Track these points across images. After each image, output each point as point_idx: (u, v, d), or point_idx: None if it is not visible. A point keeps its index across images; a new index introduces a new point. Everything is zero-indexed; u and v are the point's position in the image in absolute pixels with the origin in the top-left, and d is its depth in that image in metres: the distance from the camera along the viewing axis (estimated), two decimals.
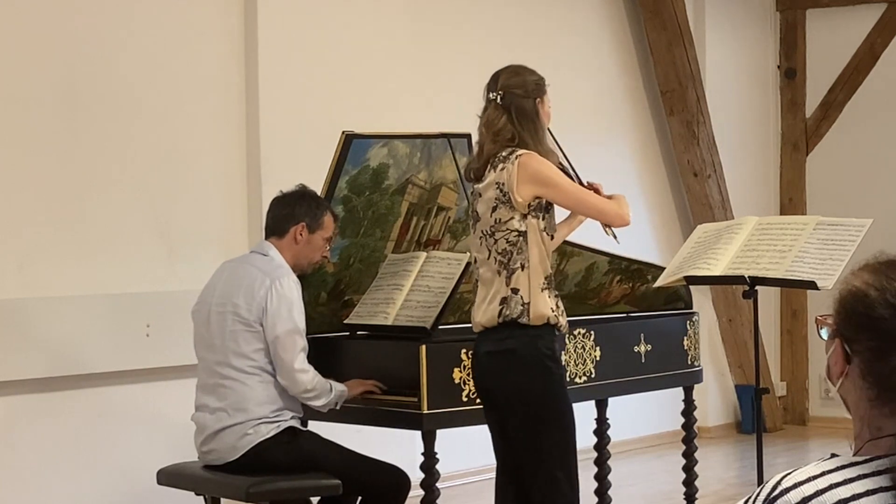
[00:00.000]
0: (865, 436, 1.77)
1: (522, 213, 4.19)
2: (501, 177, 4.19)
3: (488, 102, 4.30)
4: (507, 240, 4.20)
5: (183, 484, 4.83)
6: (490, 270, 4.25)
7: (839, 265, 4.71)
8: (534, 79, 4.36)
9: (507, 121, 4.25)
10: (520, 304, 4.17)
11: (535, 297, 4.18)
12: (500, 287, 4.21)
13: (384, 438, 5.65)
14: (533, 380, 4.20)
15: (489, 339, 4.26)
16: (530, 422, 4.23)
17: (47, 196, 5.65)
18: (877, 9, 9.18)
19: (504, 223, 4.20)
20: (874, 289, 1.77)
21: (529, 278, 4.18)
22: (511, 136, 4.24)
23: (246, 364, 4.67)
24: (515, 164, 4.17)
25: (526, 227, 4.19)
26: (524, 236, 4.19)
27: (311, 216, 4.79)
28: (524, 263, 4.19)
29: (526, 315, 4.17)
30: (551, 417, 4.24)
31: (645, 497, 7.08)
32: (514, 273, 4.19)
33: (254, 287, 4.67)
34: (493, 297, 4.22)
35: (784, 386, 9.55)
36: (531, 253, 4.19)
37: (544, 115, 4.33)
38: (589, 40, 8.33)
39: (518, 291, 4.18)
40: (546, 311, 4.19)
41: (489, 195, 4.23)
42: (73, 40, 5.74)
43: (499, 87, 4.29)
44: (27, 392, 5.54)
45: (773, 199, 9.58)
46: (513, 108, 4.25)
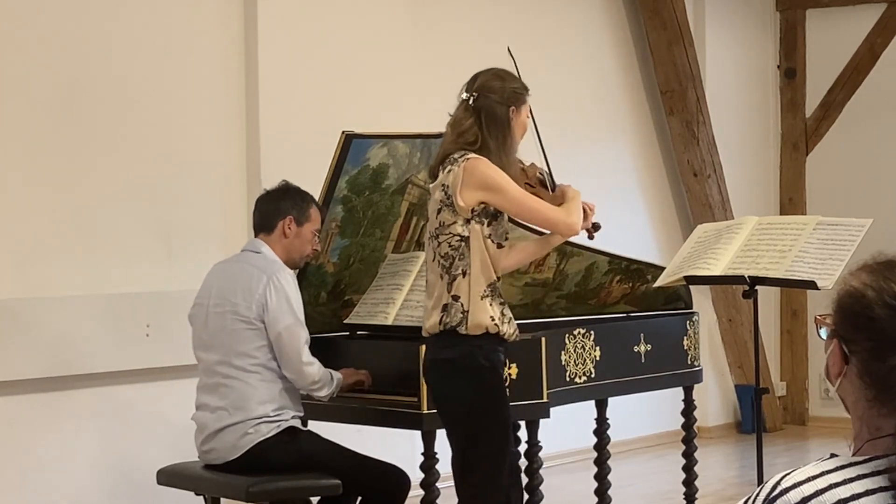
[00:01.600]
0: (864, 436, 1.77)
1: (465, 217, 4.09)
2: (447, 178, 4.10)
3: (460, 102, 4.20)
4: (449, 244, 4.12)
5: (183, 484, 4.83)
6: (433, 274, 4.18)
7: (839, 265, 4.71)
8: (514, 87, 4.24)
9: (474, 123, 4.14)
10: (459, 312, 4.10)
11: (474, 306, 4.09)
12: (443, 294, 4.13)
13: (384, 438, 5.65)
14: (465, 391, 4.14)
15: (432, 347, 4.21)
16: (461, 433, 4.19)
17: (47, 196, 5.65)
18: (877, 9, 9.18)
19: (447, 227, 4.12)
20: (872, 289, 1.77)
21: (470, 286, 4.09)
22: (474, 140, 4.13)
23: (247, 362, 4.67)
24: (461, 168, 4.07)
25: (468, 232, 4.10)
26: (466, 242, 4.10)
27: (298, 209, 4.80)
28: (466, 270, 4.10)
29: (464, 324, 4.09)
30: (482, 431, 4.16)
31: (645, 497, 7.09)
32: (456, 279, 4.10)
33: (251, 284, 4.67)
34: (436, 304, 4.14)
35: (784, 386, 9.55)
36: (473, 259, 4.10)
37: (518, 126, 4.21)
38: (589, 40, 8.33)
39: (459, 299, 4.10)
40: (485, 320, 4.10)
41: (436, 196, 4.15)
42: (74, 40, 5.74)
43: (475, 87, 4.19)
44: (27, 392, 5.54)
45: (773, 199, 9.58)
46: (483, 112, 4.15)
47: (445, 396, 4.21)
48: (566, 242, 5.42)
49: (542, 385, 4.79)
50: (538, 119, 4.39)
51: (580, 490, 6.57)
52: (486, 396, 4.16)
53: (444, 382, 4.19)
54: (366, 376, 4.86)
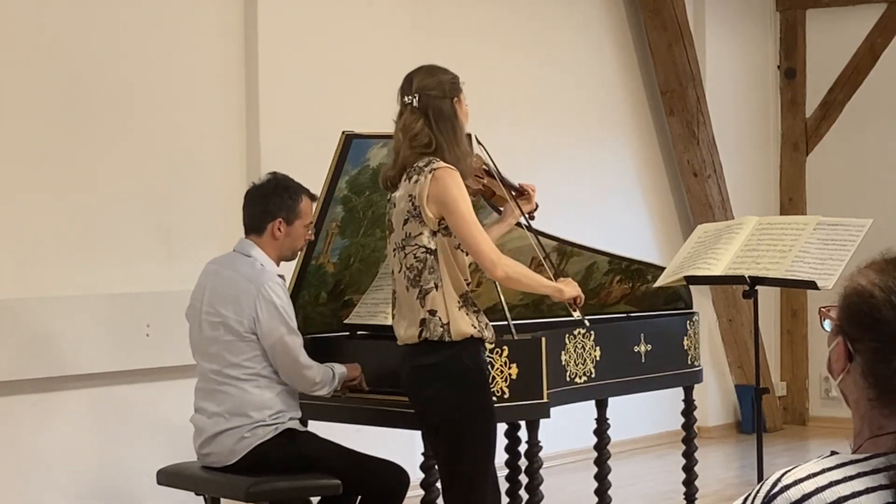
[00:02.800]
0: (866, 434, 1.77)
1: (433, 229, 4.08)
2: (414, 189, 4.07)
3: (404, 107, 4.17)
4: (415, 255, 4.10)
5: (183, 484, 4.83)
6: (400, 285, 4.16)
7: (839, 265, 4.71)
8: (449, 78, 4.24)
9: (424, 124, 4.12)
10: (439, 326, 4.08)
11: (453, 317, 4.09)
12: (414, 306, 4.11)
13: (384, 438, 5.65)
14: (451, 394, 4.13)
15: (413, 354, 4.17)
16: (448, 436, 4.17)
17: (47, 196, 5.65)
18: (877, 9, 9.18)
19: (413, 238, 4.10)
20: (880, 289, 1.76)
21: (445, 299, 4.08)
22: (428, 142, 4.11)
23: (241, 372, 4.66)
24: (429, 178, 4.05)
25: (436, 244, 4.09)
26: (434, 255, 4.08)
27: (287, 209, 4.75)
28: (437, 283, 4.08)
29: (447, 334, 4.09)
30: (469, 432, 4.15)
31: (645, 497, 7.08)
32: (429, 294, 4.09)
33: (241, 298, 4.64)
34: (411, 318, 4.12)
35: (784, 386, 9.55)
36: (443, 272, 4.08)
37: (462, 115, 4.20)
38: (589, 40, 8.33)
39: (436, 313, 4.08)
40: (467, 328, 4.10)
41: (402, 206, 4.12)
42: (74, 40, 5.74)
43: (414, 89, 4.17)
44: (27, 392, 5.54)
45: (773, 199, 9.58)
46: (430, 111, 4.13)
47: (431, 401, 4.18)
48: (566, 242, 5.43)
49: (542, 385, 4.78)
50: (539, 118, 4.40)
51: (580, 490, 6.57)
52: (473, 398, 4.15)
53: (429, 387, 4.16)
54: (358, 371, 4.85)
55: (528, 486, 4.93)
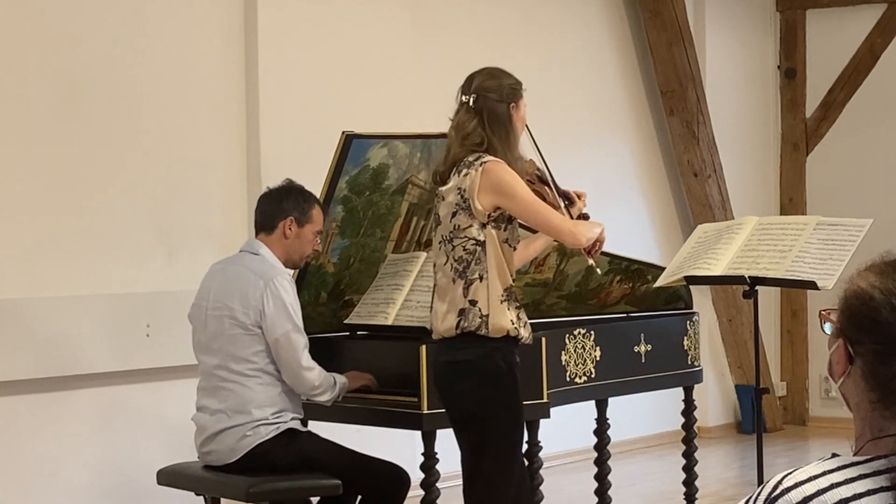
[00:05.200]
0: (867, 436, 1.77)
1: (482, 221, 4.10)
2: (464, 182, 4.10)
3: (460, 105, 4.22)
4: (464, 247, 4.12)
5: (183, 484, 4.83)
6: (446, 277, 4.17)
7: (839, 265, 4.71)
8: (510, 83, 4.26)
9: (478, 125, 4.15)
10: (478, 317, 4.09)
11: (493, 310, 4.10)
12: (456, 296, 4.13)
13: (384, 438, 5.65)
14: (482, 392, 4.13)
15: (447, 349, 4.19)
16: (474, 435, 4.18)
17: (47, 196, 5.65)
18: (877, 9, 9.18)
19: (462, 230, 4.12)
20: (880, 291, 1.76)
21: (488, 290, 4.10)
22: (480, 141, 4.14)
23: (245, 367, 4.66)
24: (479, 171, 4.08)
25: (485, 236, 4.11)
26: (482, 246, 4.10)
27: (300, 210, 4.77)
28: (483, 274, 4.10)
29: (484, 327, 4.09)
30: (495, 432, 4.16)
31: (645, 497, 7.08)
32: (473, 284, 4.10)
33: (248, 290, 4.65)
34: (451, 307, 4.14)
35: (784, 386, 9.55)
36: (490, 264, 4.10)
37: (518, 121, 4.22)
38: (589, 40, 8.33)
39: (476, 303, 4.10)
40: (506, 323, 4.11)
41: (450, 199, 4.15)
42: (74, 40, 5.74)
43: (472, 89, 4.21)
44: (27, 392, 5.54)
45: (773, 199, 9.58)
46: (485, 112, 4.16)
47: (461, 398, 4.18)
48: None
49: (542, 385, 4.79)
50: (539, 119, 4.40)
51: (580, 490, 6.57)
52: (503, 398, 4.15)
53: (460, 384, 4.17)
54: (371, 381, 4.85)
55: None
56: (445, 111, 4.09)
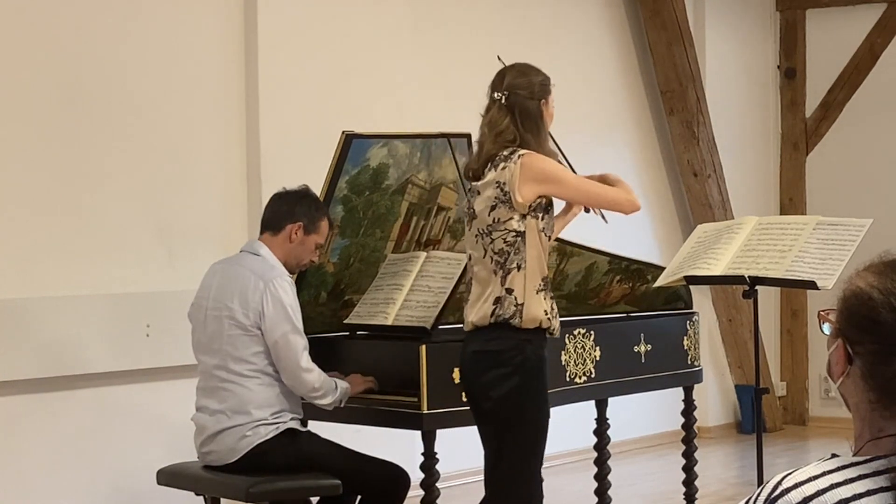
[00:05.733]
0: (866, 436, 1.77)
1: (522, 213, 4.15)
2: (503, 176, 4.15)
3: (492, 102, 4.27)
4: (504, 240, 4.16)
5: (183, 484, 4.83)
6: (485, 269, 4.21)
7: (839, 265, 4.71)
8: (539, 79, 4.33)
9: (510, 122, 4.21)
10: (513, 305, 4.13)
11: (529, 299, 4.14)
12: (495, 287, 4.17)
13: (384, 438, 5.65)
14: (512, 382, 4.14)
15: (478, 339, 4.21)
16: (501, 426, 4.18)
17: (47, 196, 5.65)
18: (877, 9, 9.18)
19: (503, 223, 4.17)
20: (878, 291, 1.76)
21: (525, 279, 4.14)
22: (513, 138, 4.21)
23: (245, 368, 4.66)
24: (518, 164, 4.14)
25: (525, 227, 4.16)
26: (522, 237, 4.15)
27: (310, 218, 4.77)
28: (521, 264, 4.15)
29: (518, 316, 4.13)
30: (521, 423, 4.17)
31: (645, 497, 7.09)
32: (510, 273, 4.15)
33: (248, 291, 4.65)
34: (488, 297, 4.17)
35: (784, 386, 9.55)
36: (528, 254, 4.15)
37: (548, 117, 4.30)
38: (589, 40, 8.33)
39: (512, 292, 4.14)
40: (539, 313, 4.15)
41: (488, 193, 4.19)
42: (74, 41, 5.74)
43: (504, 86, 4.26)
44: (27, 392, 5.54)
45: (773, 199, 9.59)
46: (517, 109, 4.23)
47: (488, 388, 4.19)
48: (566, 242, 5.43)
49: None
50: None
51: (580, 490, 6.57)
52: (531, 390, 4.18)
53: (488, 374, 4.18)
54: (373, 383, 4.85)
55: None
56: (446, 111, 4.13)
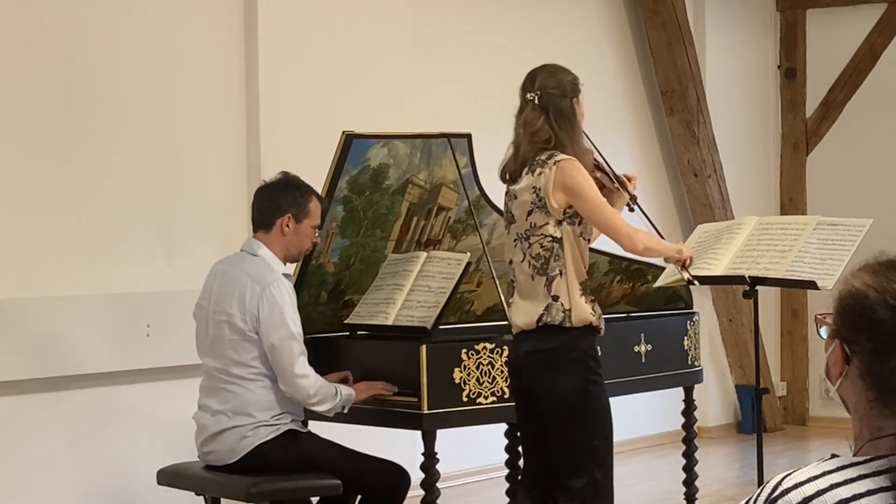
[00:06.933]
0: (865, 436, 1.77)
1: (557, 218, 4.17)
2: (538, 181, 4.18)
3: (525, 103, 4.28)
4: (541, 245, 4.19)
5: (183, 484, 4.83)
6: (524, 274, 4.24)
7: (839, 265, 4.71)
8: (570, 78, 4.36)
9: (545, 122, 4.24)
10: (561, 311, 4.17)
11: (575, 303, 4.18)
12: (538, 293, 4.19)
13: (384, 438, 5.65)
14: (574, 377, 4.19)
15: (530, 340, 4.25)
16: (570, 419, 4.21)
17: (47, 196, 5.64)
18: (877, 9, 9.18)
19: (539, 228, 4.20)
20: (874, 290, 1.76)
21: (568, 285, 4.18)
22: (548, 138, 4.23)
23: (246, 371, 4.66)
24: (553, 170, 4.16)
25: (561, 233, 4.18)
26: (559, 242, 4.18)
27: (297, 206, 4.74)
28: (562, 270, 4.18)
29: (568, 320, 4.17)
30: (591, 416, 4.23)
31: (645, 497, 7.08)
32: (554, 280, 4.17)
33: (245, 295, 4.63)
34: (533, 303, 4.20)
35: (784, 386, 9.55)
36: (567, 260, 4.18)
37: (580, 115, 4.33)
38: (589, 40, 8.33)
39: (559, 298, 4.17)
40: (587, 315, 4.20)
41: (525, 198, 4.22)
42: (74, 40, 5.74)
43: (536, 87, 4.28)
44: (27, 392, 5.54)
45: (773, 199, 9.58)
46: (550, 109, 4.25)
47: (550, 385, 4.20)
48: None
49: None
50: None
51: None
52: (592, 382, 4.21)
53: (548, 370, 4.20)
54: (386, 389, 4.82)
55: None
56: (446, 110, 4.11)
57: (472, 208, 5.23)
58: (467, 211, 5.29)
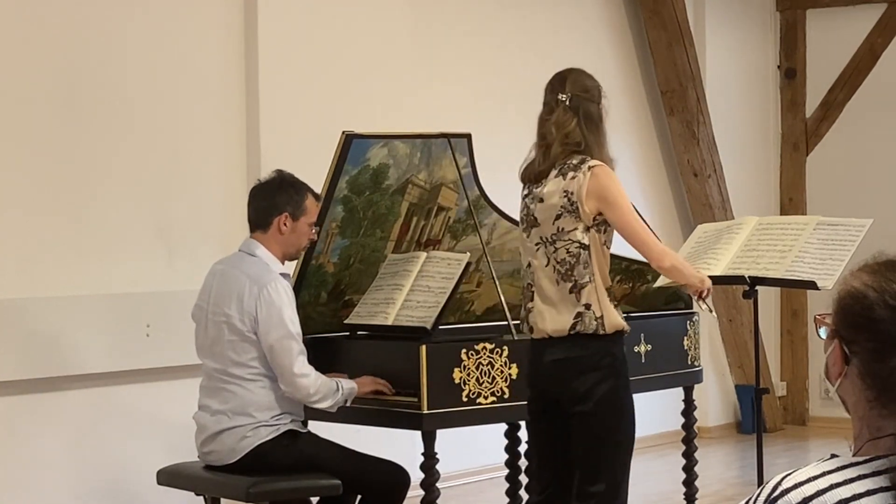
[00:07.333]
0: (865, 436, 1.77)
1: (587, 224, 4.14)
2: (571, 186, 4.13)
3: (557, 103, 4.23)
4: (567, 250, 4.15)
5: (183, 484, 4.83)
6: (547, 278, 4.20)
7: (839, 265, 4.71)
8: (596, 84, 4.34)
9: (577, 124, 4.19)
10: (594, 320, 4.13)
11: (606, 310, 4.15)
12: (564, 299, 4.15)
13: (384, 438, 5.65)
14: (606, 383, 4.15)
15: (557, 348, 4.19)
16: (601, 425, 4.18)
17: (47, 196, 5.65)
18: (877, 9, 9.18)
19: (567, 233, 4.15)
20: (873, 290, 1.77)
21: (597, 292, 4.15)
22: (579, 141, 4.18)
23: (245, 372, 4.66)
24: (587, 176, 4.12)
25: (589, 240, 4.15)
26: (587, 249, 4.14)
27: (293, 204, 4.74)
28: (591, 278, 4.14)
29: (601, 328, 4.14)
30: (619, 422, 4.21)
31: (645, 497, 7.08)
32: (585, 288, 4.13)
33: (244, 296, 4.63)
34: (560, 310, 4.16)
35: (784, 386, 9.56)
36: (595, 267, 4.15)
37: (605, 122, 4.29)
38: (589, 40, 8.33)
39: (590, 307, 4.14)
40: (619, 321, 4.18)
41: (554, 202, 4.17)
42: (74, 40, 5.74)
43: (567, 88, 4.24)
44: (27, 392, 5.54)
45: (773, 199, 9.59)
46: (581, 112, 4.21)
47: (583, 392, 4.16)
48: None
49: None
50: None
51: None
52: (622, 388, 4.21)
53: (579, 379, 4.16)
54: (386, 387, 4.83)
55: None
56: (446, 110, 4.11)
57: (471, 208, 5.22)
58: (467, 211, 5.29)
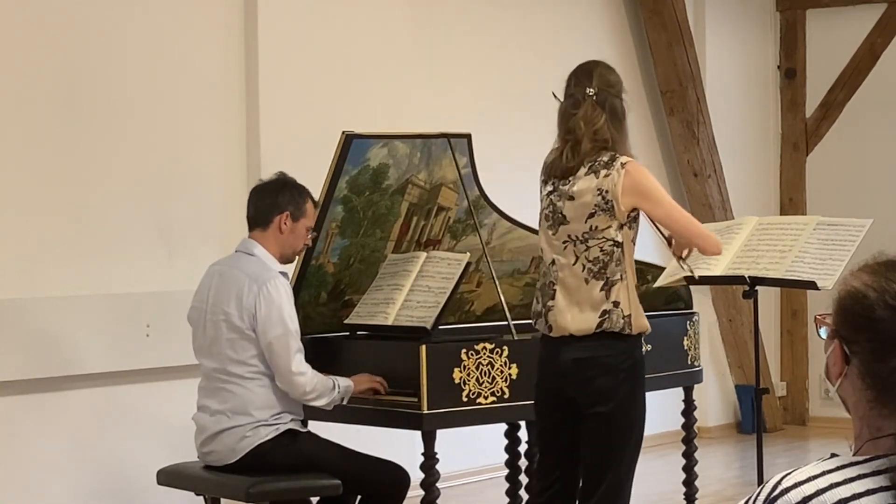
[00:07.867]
0: (865, 435, 1.77)
1: (621, 222, 4.09)
2: (605, 184, 4.07)
3: (584, 97, 4.16)
4: (601, 248, 4.10)
5: (183, 484, 4.83)
6: (575, 276, 4.14)
7: (839, 265, 4.72)
8: (619, 79, 4.27)
9: (605, 120, 4.13)
10: (621, 318, 4.09)
11: (635, 309, 4.12)
12: (593, 297, 4.10)
13: (384, 438, 5.65)
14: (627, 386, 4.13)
15: (578, 347, 4.15)
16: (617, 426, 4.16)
17: (47, 196, 5.64)
18: (877, 9, 9.18)
19: (601, 231, 4.09)
20: (873, 290, 1.77)
21: (628, 290, 4.11)
22: (606, 137, 4.12)
23: (244, 370, 4.66)
24: (622, 173, 4.06)
25: (622, 237, 4.10)
26: (620, 247, 4.10)
27: (295, 204, 4.75)
28: (622, 275, 4.10)
29: (628, 327, 4.10)
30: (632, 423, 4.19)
31: (645, 497, 7.08)
32: (615, 285, 4.09)
33: (243, 294, 4.64)
34: (587, 308, 4.11)
35: (784, 386, 9.55)
36: (626, 264, 4.12)
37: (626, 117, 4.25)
38: (589, 40, 8.33)
39: (619, 304, 4.09)
40: (645, 322, 4.16)
41: (586, 200, 4.10)
42: (74, 40, 5.74)
43: (594, 83, 4.18)
44: (27, 392, 5.54)
45: (773, 199, 9.58)
46: (607, 107, 4.15)
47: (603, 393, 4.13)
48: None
49: None
50: (538, 117, 4.41)
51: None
52: (639, 389, 4.19)
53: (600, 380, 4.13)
54: (381, 385, 4.83)
55: (529, 486, 4.93)
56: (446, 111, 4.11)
57: (471, 208, 5.23)
58: (467, 211, 5.29)
